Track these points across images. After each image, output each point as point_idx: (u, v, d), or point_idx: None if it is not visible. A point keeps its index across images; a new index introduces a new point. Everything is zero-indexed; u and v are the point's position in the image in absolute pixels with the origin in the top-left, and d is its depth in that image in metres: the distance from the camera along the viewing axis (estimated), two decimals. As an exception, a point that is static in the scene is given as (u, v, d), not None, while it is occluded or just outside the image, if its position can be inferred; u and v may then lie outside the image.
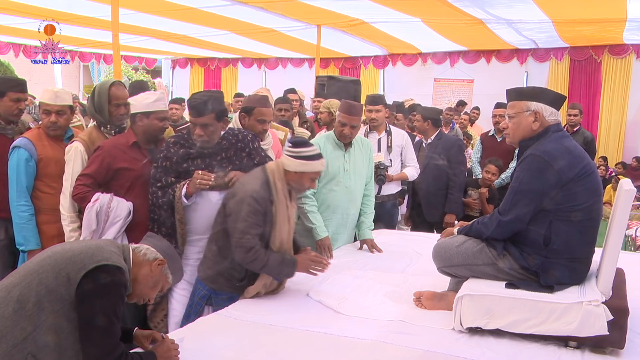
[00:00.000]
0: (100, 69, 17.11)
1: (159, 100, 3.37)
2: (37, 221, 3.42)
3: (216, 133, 3.16)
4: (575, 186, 2.52)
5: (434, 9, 7.65)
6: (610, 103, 10.54)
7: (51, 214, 3.39)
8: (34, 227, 3.41)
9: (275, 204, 2.90)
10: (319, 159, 2.98)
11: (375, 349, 2.41)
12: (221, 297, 2.99)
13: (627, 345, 2.37)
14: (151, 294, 2.25)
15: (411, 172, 4.88)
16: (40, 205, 3.43)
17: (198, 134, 3.11)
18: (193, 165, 3.16)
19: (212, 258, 3.00)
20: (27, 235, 3.38)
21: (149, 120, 3.33)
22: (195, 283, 3.12)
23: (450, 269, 2.85)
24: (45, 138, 3.46)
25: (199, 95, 3.19)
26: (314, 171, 2.98)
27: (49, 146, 3.45)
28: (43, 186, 3.43)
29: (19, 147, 3.38)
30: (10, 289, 1.95)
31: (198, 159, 3.18)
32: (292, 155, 2.92)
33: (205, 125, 3.09)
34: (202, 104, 3.08)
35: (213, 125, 3.11)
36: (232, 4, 7.42)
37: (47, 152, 3.43)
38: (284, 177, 2.94)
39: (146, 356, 2.13)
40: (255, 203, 2.82)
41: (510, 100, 2.76)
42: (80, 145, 3.35)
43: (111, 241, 2.38)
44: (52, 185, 3.41)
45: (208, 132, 3.10)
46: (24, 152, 3.37)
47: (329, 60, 12.55)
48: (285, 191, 2.95)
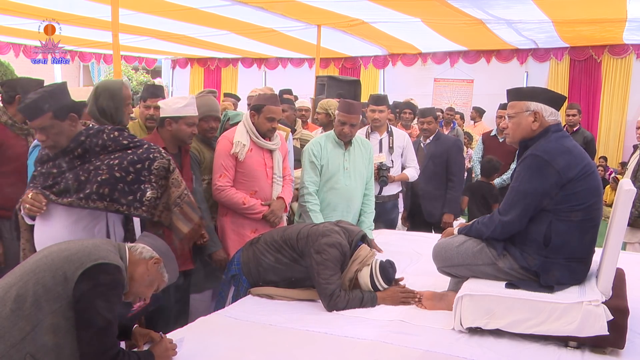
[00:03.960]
0: (100, 69, 17.09)
1: (189, 105, 3.34)
2: None
3: (62, 135, 2.59)
4: (575, 186, 2.52)
5: (434, 10, 7.64)
6: (610, 103, 10.54)
7: None
8: None
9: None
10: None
11: (375, 349, 2.40)
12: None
13: (627, 345, 2.37)
14: (147, 292, 2.25)
15: (412, 173, 4.88)
16: None
17: (40, 139, 2.61)
18: (45, 169, 2.65)
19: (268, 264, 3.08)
20: None
21: (178, 125, 3.31)
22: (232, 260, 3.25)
23: (450, 269, 2.85)
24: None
25: (31, 94, 2.58)
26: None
27: None
28: None
29: (38, 146, 3.37)
30: (7, 289, 1.95)
31: (49, 163, 2.67)
32: None
33: (43, 129, 2.55)
34: (33, 105, 2.53)
35: (54, 127, 2.56)
36: (232, 4, 7.42)
37: None
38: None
39: (144, 356, 2.13)
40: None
41: (510, 100, 2.76)
42: None
43: (107, 240, 2.38)
44: None
45: (50, 135, 2.56)
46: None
47: (329, 60, 12.54)
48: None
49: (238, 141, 3.63)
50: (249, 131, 3.69)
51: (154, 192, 2.62)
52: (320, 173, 3.98)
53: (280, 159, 3.83)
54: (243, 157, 3.62)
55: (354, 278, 2.97)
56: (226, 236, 3.68)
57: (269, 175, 3.75)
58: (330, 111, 5.39)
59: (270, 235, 3.18)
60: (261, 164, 3.72)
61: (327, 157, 3.99)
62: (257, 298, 3.01)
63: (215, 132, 3.85)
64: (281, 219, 3.79)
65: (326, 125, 5.48)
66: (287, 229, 3.22)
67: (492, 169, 5.68)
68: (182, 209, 2.76)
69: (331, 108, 5.40)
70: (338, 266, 2.93)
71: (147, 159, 2.65)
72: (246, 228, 3.67)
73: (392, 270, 3.02)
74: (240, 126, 3.73)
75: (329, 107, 5.45)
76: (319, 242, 2.93)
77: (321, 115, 5.53)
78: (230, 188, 3.62)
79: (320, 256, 2.89)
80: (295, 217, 4.18)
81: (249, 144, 3.67)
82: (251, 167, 3.67)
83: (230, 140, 3.65)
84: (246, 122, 3.71)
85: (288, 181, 3.92)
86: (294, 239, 3.05)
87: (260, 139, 3.70)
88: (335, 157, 4.01)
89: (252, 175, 3.68)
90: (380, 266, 2.97)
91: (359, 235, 3.09)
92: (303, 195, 3.95)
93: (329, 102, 5.59)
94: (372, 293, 2.94)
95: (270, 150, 3.76)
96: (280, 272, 3.05)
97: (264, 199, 3.72)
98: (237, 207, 3.63)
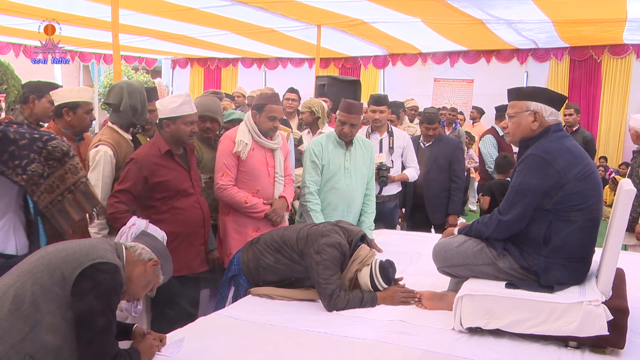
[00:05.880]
0: (100, 69, 17.08)
1: (185, 103, 3.30)
2: None
3: None
4: (575, 186, 2.52)
5: (434, 10, 7.64)
6: (610, 103, 10.54)
7: None
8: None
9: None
10: None
11: (375, 349, 2.40)
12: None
13: (627, 345, 2.37)
14: (142, 293, 2.27)
15: (412, 173, 4.88)
16: None
17: None
18: None
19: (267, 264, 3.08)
20: (40, 234, 3.33)
21: (176, 125, 3.27)
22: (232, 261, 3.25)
23: (450, 269, 2.85)
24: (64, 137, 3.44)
25: None
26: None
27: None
28: None
29: None
30: (5, 290, 1.94)
31: None
32: None
33: None
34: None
35: None
36: (232, 4, 7.42)
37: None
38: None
39: (132, 353, 2.13)
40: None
41: (511, 100, 2.76)
42: (109, 149, 3.28)
43: (104, 239, 2.38)
44: None
45: None
46: None
47: (329, 60, 12.54)
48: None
49: (240, 140, 3.63)
50: (251, 130, 3.69)
51: (39, 166, 2.54)
52: (321, 173, 3.98)
53: (281, 158, 3.83)
54: (245, 156, 3.63)
55: (354, 278, 2.97)
56: (228, 235, 3.68)
57: (270, 175, 3.75)
58: (314, 109, 5.36)
59: (270, 236, 3.18)
60: (263, 163, 3.73)
61: (328, 157, 3.99)
62: (257, 298, 3.01)
63: (211, 132, 3.85)
64: (283, 218, 3.79)
65: (311, 123, 5.46)
66: (286, 229, 3.22)
67: (509, 165, 5.64)
68: (75, 197, 2.68)
69: (314, 106, 5.38)
70: (338, 266, 2.93)
71: (46, 135, 2.62)
72: (248, 227, 3.67)
73: (392, 270, 3.02)
74: (242, 125, 3.73)
75: (312, 105, 5.42)
76: (318, 242, 2.93)
77: (305, 114, 5.49)
78: (233, 187, 3.62)
79: (319, 256, 2.89)
80: (297, 217, 4.18)
81: (251, 143, 3.67)
82: (253, 166, 3.67)
83: (232, 139, 3.65)
84: (248, 122, 3.72)
85: (289, 180, 3.93)
86: (294, 239, 3.04)
87: (262, 138, 3.70)
88: (336, 157, 4.01)
89: (254, 174, 3.69)
90: (380, 266, 2.97)
91: (358, 235, 3.09)
92: (304, 194, 3.95)
93: (312, 101, 5.55)
94: (372, 293, 2.94)
95: (271, 149, 3.77)
96: (280, 272, 3.05)
97: (266, 198, 3.72)
98: (239, 206, 3.63)
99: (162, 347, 2.32)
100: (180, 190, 3.29)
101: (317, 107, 5.37)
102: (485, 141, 6.20)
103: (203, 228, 3.43)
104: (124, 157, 3.33)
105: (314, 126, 5.43)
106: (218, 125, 3.90)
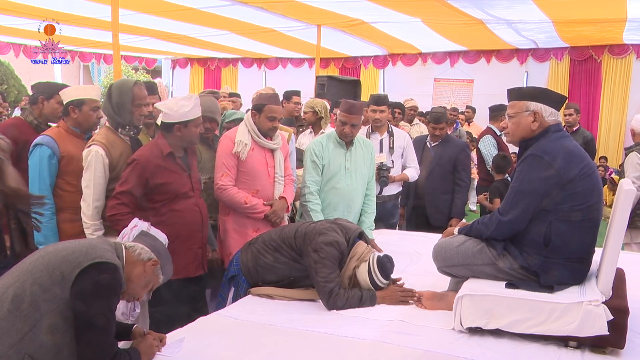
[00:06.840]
0: (100, 69, 17.11)
1: (196, 107, 3.27)
2: (57, 219, 3.37)
3: None
4: (575, 186, 2.52)
5: (434, 10, 7.64)
6: (610, 103, 10.54)
7: (71, 212, 3.34)
8: (55, 225, 3.35)
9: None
10: None
11: (375, 349, 2.40)
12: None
13: (627, 345, 2.37)
14: (142, 293, 2.26)
15: (412, 173, 4.88)
16: (60, 203, 3.37)
17: None
18: None
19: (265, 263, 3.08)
20: (47, 234, 3.30)
21: (188, 129, 3.24)
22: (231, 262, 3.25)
23: (450, 269, 2.85)
24: (67, 135, 3.43)
25: None
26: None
27: (71, 144, 3.41)
28: (64, 184, 3.38)
29: (41, 145, 3.34)
30: (4, 290, 1.94)
31: None
32: None
33: None
34: None
35: None
36: (232, 4, 7.42)
37: (69, 149, 3.38)
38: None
39: (133, 353, 2.13)
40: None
41: (511, 100, 2.76)
42: (100, 149, 3.27)
43: (104, 239, 2.38)
44: (73, 183, 3.36)
45: None
46: (47, 150, 3.32)
47: (329, 60, 12.55)
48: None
49: (240, 140, 3.63)
50: (251, 130, 3.69)
51: None
52: (321, 173, 3.98)
53: (281, 158, 3.83)
54: (245, 156, 3.63)
55: (353, 275, 2.97)
56: (228, 236, 3.68)
57: (270, 175, 3.75)
58: (317, 109, 5.37)
59: (269, 235, 3.18)
60: (263, 164, 3.72)
61: (329, 157, 3.99)
62: (256, 298, 3.01)
63: (210, 133, 3.84)
64: (283, 219, 3.79)
65: (314, 123, 5.46)
66: (284, 228, 3.22)
67: (507, 165, 5.65)
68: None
69: (317, 106, 5.38)
70: (336, 264, 2.92)
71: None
72: (248, 227, 3.67)
73: (390, 265, 3.01)
74: (242, 125, 3.73)
75: (315, 105, 5.42)
76: (316, 241, 2.93)
77: (308, 114, 5.49)
78: (232, 187, 3.62)
79: (317, 254, 2.89)
80: (297, 217, 4.18)
81: (251, 143, 3.67)
82: (253, 167, 3.67)
83: (232, 139, 3.65)
84: (247, 122, 3.72)
85: (290, 181, 3.93)
86: (292, 237, 3.04)
87: (261, 138, 3.70)
88: (337, 157, 4.01)
89: (254, 175, 3.69)
90: (378, 261, 2.96)
91: (356, 233, 3.09)
92: (304, 194, 3.95)
93: (315, 101, 5.56)
94: (371, 292, 2.93)
95: (271, 149, 3.77)
96: (279, 272, 3.05)
97: (266, 199, 3.72)
98: (239, 206, 3.63)
99: (162, 347, 2.32)
100: (180, 193, 3.28)
101: (320, 107, 5.37)
102: (485, 141, 6.20)
103: (201, 231, 3.42)
104: (118, 157, 3.32)
105: (317, 126, 5.43)
106: (216, 125, 3.90)
